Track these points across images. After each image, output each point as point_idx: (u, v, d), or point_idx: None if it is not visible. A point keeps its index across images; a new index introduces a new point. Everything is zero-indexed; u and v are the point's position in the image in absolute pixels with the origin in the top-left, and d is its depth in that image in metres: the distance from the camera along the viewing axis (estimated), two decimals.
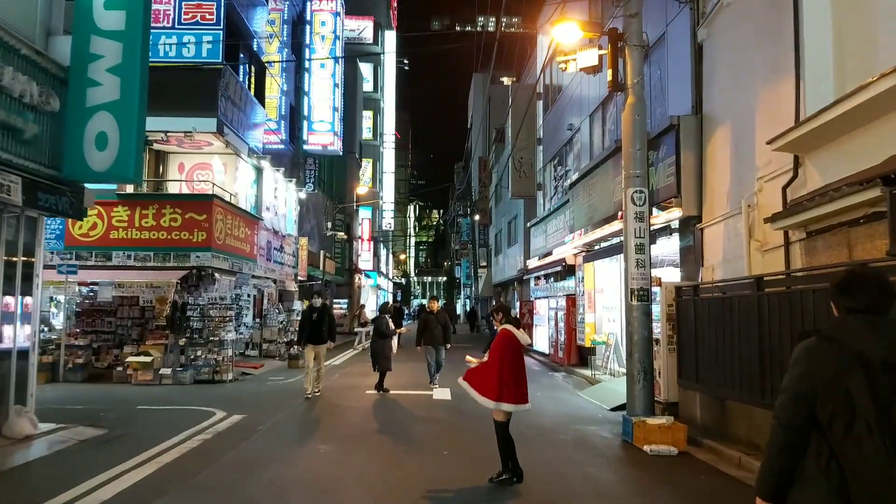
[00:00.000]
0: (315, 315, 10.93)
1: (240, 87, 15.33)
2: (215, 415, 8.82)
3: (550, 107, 20.33)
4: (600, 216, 12.20)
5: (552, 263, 17.95)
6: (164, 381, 12.42)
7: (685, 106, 9.96)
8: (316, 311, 11.03)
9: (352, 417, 9.03)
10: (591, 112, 15.44)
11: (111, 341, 13.77)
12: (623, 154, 8.39)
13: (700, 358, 8.01)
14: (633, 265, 8.04)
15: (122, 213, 13.58)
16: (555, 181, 19.62)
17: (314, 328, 10.86)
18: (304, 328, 11.05)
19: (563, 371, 15.62)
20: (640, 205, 8.10)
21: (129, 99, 7.62)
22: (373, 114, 43.68)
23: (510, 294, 32.99)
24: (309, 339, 10.92)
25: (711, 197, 9.21)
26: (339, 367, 16.61)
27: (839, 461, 2.02)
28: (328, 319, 11.06)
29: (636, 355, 7.94)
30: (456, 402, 10.36)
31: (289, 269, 20.46)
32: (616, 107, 13.72)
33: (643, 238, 8.08)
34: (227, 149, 15.15)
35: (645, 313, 8.01)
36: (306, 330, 10.94)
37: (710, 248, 9.16)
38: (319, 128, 21.48)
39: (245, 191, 16.57)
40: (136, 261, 13.49)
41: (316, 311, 11.01)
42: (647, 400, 7.92)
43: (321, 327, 10.87)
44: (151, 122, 14.14)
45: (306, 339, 10.96)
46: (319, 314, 10.95)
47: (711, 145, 9.29)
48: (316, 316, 10.91)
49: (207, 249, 13.52)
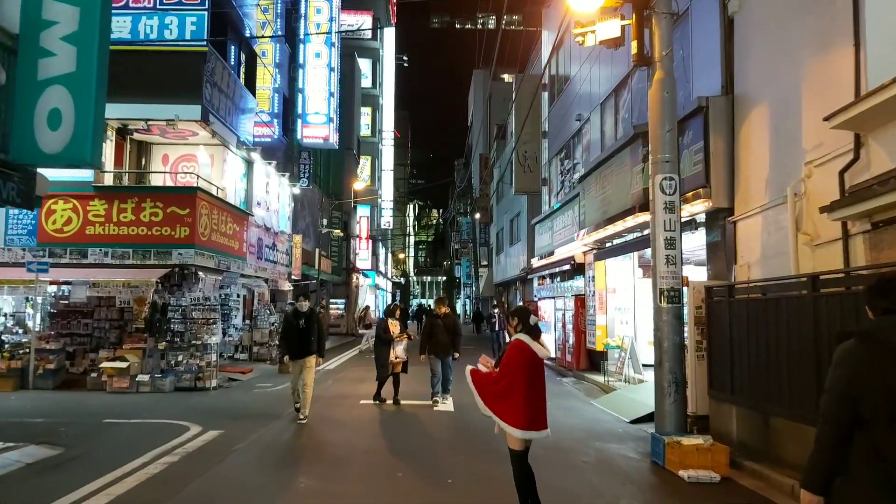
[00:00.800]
0: (301, 322, 8.81)
1: (227, 74, 14.35)
2: (189, 430, 7.84)
3: (556, 98, 19.35)
4: (615, 210, 11.23)
5: (559, 262, 16.99)
6: (141, 388, 11.45)
7: (713, 86, 8.99)
8: (302, 316, 8.85)
9: (341, 434, 8.04)
10: (602, 100, 14.47)
11: (88, 344, 12.81)
12: (650, 136, 7.42)
13: (736, 367, 7.06)
14: (662, 262, 7.08)
15: (98, 207, 12.62)
16: (561, 176, 18.64)
17: (300, 338, 8.78)
18: (287, 338, 8.95)
19: (572, 376, 14.65)
20: (670, 193, 7.13)
21: (87, 71, 6.63)
22: (371, 110, 42.71)
23: (512, 294, 32.03)
24: (292, 353, 8.82)
25: (745, 186, 8.24)
26: (334, 371, 15.63)
27: (882, 454, 2.19)
28: (317, 327, 8.92)
29: (666, 364, 6.97)
30: (459, 414, 9.38)
31: (282, 267, 19.48)
32: (631, 92, 12.76)
33: (674, 231, 7.11)
34: (214, 139, 14.16)
35: (676, 317, 7.04)
36: (290, 340, 8.88)
37: (744, 244, 8.18)
38: (314, 120, 20.51)
39: (234, 185, 15.59)
40: (114, 258, 12.54)
41: (302, 317, 8.84)
42: (680, 416, 6.95)
43: (308, 337, 8.76)
44: (131, 109, 13.34)
45: (291, 353, 8.88)
46: (306, 321, 8.82)
47: (745, 129, 8.32)
48: (302, 323, 8.80)
49: (191, 246, 12.56)
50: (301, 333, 8.78)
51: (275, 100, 19.69)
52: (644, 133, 9.84)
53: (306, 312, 8.92)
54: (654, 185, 7.21)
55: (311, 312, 9.01)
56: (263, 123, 19.38)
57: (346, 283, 32.50)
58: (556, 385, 13.64)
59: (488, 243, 40.90)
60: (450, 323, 10.52)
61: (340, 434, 7.90)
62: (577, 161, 16.84)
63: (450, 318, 10.65)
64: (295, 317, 8.96)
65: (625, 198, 10.70)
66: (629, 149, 10.47)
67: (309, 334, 8.78)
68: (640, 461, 6.81)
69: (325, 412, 9.43)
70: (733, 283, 7.56)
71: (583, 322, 15.05)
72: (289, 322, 9.05)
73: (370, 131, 42.57)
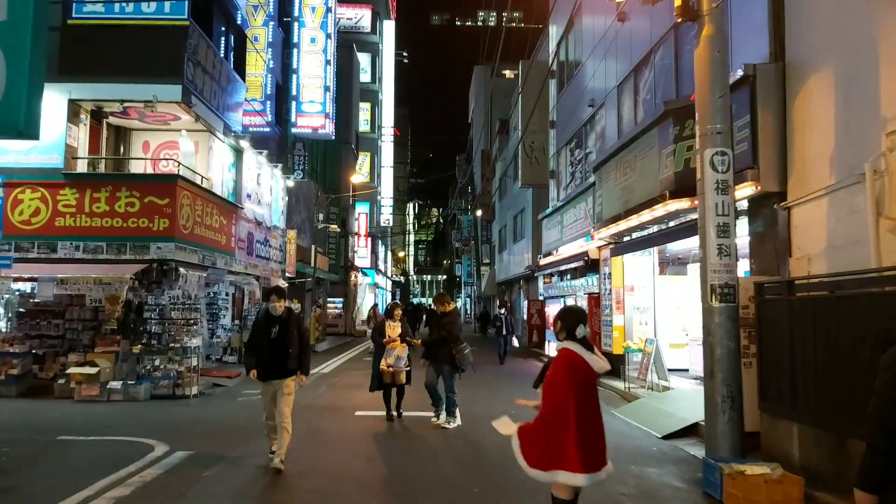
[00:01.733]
0: (274, 329, 6.26)
1: (213, 54, 13.20)
2: (154, 450, 6.70)
3: (566, 85, 18.21)
4: (639, 199, 10.09)
5: (570, 258, 15.84)
6: (112, 396, 10.31)
7: (759, 53, 7.84)
8: (276, 321, 6.29)
9: (332, 457, 6.88)
10: (619, 82, 13.32)
11: (59, 347, 11.67)
12: (697, 104, 6.28)
13: (799, 376, 5.93)
14: (713, 254, 5.94)
15: (69, 197, 11.49)
16: (571, 167, 17.50)
17: (273, 352, 6.23)
18: (255, 349, 6.41)
19: None
20: (722, 171, 6.00)
21: (21, 19, 5.49)
22: (370, 106, 41.58)
23: (515, 293, 30.91)
24: (262, 371, 6.26)
25: (802, 166, 7.10)
26: (329, 376, 14.48)
27: None
28: (298, 336, 6.39)
29: (719, 375, 5.83)
30: (468, 430, 8.23)
31: (275, 264, 18.34)
32: (654, 71, 11.61)
33: (728, 216, 5.98)
34: (198, 124, 13.00)
35: (730, 318, 5.91)
36: (259, 356, 6.30)
37: (802, 233, 7.04)
38: (309, 108, 19.37)
39: (221, 175, 14.45)
40: (86, 252, 11.40)
41: (276, 323, 6.28)
42: (736, 436, 5.81)
43: (283, 350, 6.25)
44: (105, 89, 12.16)
45: (261, 372, 6.28)
46: (282, 328, 6.27)
47: (801, 100, 7.17)
48: (276, 331, 6.25)
49: (170, 239, 11.43)
50: (274, 345, 6.22)
51: (267, 87, 18.54)
52: (676, 109, 8.76)
53: (281, 316, 6.31)
54: (703, 162, 6.08)
55: (288, 316, 6.37)
56: (255, 112, 18.24)
57: (344, 281, 31.36)
58: None
59: (490, 241, 39.77)
60: (448, 321, 8.60)
61: (330, 457, 6.74)
62: (590, 150, 15.70)
63: (450, 318, 8.69)
64: (266, 322, 6.33)
65: (651, 184, 9.56)
66: (657, 129, 9.33)
67: (285, 346, 6.24)
68: (689, 493, 5.66)
69: (315, 425, 8.28)
70: (793, 279, 6.42)
71: (597, 323, 13.91)
72: (258, 330, 6.42)
73: (369, 127, 41.46)
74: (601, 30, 14.29)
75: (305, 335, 6.60)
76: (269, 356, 6.26)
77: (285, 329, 6.31)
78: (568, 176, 17.81)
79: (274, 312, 6.34)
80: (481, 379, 13.94)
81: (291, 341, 6.31)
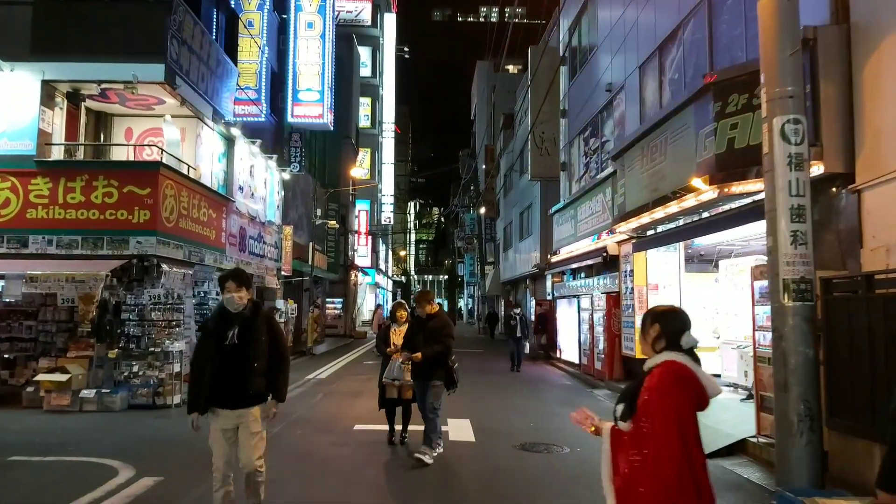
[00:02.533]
0: (231, 333, 4.21)
1: (201, 32, 12.18)
2: (117, 476, 5.67)
3: (579, 71, 17.17)
4: (671, 186, 9.06)
5: (586, 255, 14.82)
6: (85, 406, 9.30)
7: (818, 14, 6.83)
8: (233, 321, 4.25)
9: (324, 488, 5.86)
10: (641, 63, 12.30)
11: (32, 351, 10.68)
12: (763, 64, 5.26)
13: (880, 387, 4.94)
14: (786, 242, 4.92)
15: (41, 186, 10.50)
16: (585, 157, 16.47)
17: (227, 365, 4.19)
18: (201, 368, 4.27)
19: (605, 388, 12.50)
20: (796, 142, 4.97)
21: None
22: (371, 101, 40.54)
23: (521, 293, 29.90)
24: (212, 397, 4.22)
25: (874, 143, 6.08)
26: (327, 381, 13.46)
27: None
28: (271, 344, 4.34)
29: (795, 389, 4.80)
30: (482, 448, 7.20)
31: (270, 262, 17.33)
32: (682, 47, 10.59)
33: (803, 196, 4.95)
34: (184, 108, 11.97)
35: (807, 320, 4.88)
36: (207, 372, 4.21)
37: (877, 220, 6.02)
38: (306, 97, 18.36)
39: (210, 165, 13.43)
40: (60, 247, 10.43)
41: (233, 324, 4.24)
42: (815, 463, 4.78)
43: (246, 363, 4.20)
44: (81, 69, 11.07)
45: (208, 396, 4.22)
46: (243, 330, 4.23)
47: (873, 67, 6.16)
48: (234, 335, 4.20)
49: (152, 233, 10.44)
50: (230, 357, 4.16)
51: (262, 74, 17.53)
52: (717, 83, 7.75)
53: (243, 314, 4.24)
54: (772, 133, 5.05)
55: (252, 314, 4.29)
56: (250, 101, 17.24)
57: (343, 280, 30.34)
58: (589, 399, 11.49)
59: (495, 239, 38.76)
60: (435, 327, 6.64)
61: (323, 487, 5.69)
62: (607, 139, 14.68)
63: (438, 321, 6.72)
64: (220, 323, 4.25)
65: (687, 169, 8.52)
66: (693, 107, 8.30)
67: (247, 358, 4.17)
68: None
69: (306, 445, 7.25)
70: (871, 273, 5.40)
71: (616, 324, 12.90)
72: (207, 335, 4.33)
73: (370, 122, 40.43)
74: (619, 9, 13.27)
75: (282, 343, 4.43)
76: (222, 373, 4.11)
77: (248, 333, 4.17)
78: (581, 167, 16.78)
79: (231, 307, 4.19)
80: (494, 387, 12.92)
81: (257, 352, 4.18)
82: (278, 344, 4.39)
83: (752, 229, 8.60)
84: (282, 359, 4.41)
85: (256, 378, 4.22)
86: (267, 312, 4.51)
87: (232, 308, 4.24)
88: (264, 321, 4.35)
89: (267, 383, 4.29)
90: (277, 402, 4.36)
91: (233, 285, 4.22)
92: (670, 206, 9.21)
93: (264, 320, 4.36)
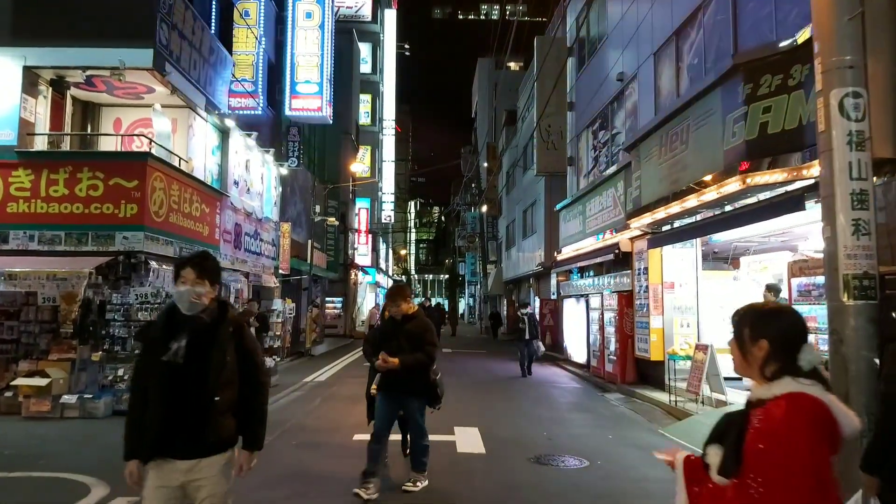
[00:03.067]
0: (177, 345, 2.81)
1: (193, 17, 11.57)
2: (87, 495, 5.07)
3: (587, 62, 16.57)
4: (693, 177, 8.46)
5: (595, 252, 14.21)
6: (67, 412, 8.69)
7: None
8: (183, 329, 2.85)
9: None
10: (656, 49, 11.70)
11: (12, 353, 10.08)
12: (817, 32, 4.66)
13: None
14: (846, 233, 4.32)
15: (23, 179, 9.91)
16: (594, 151, 15.86)
17: (175, 396, 2.79)
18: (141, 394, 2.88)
19: (618, 391, 11.89)
20: (857, 118, 4.38)
21: None
22: (371, 97, 39.90)
23: (524, 292, 29.32)
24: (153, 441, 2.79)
25: None
26: (325, 385, 12.85)
27: None
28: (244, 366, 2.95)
29: (857, 399, 4.20)
30: (495, 461, 6.60)
31: (267, 260, 16.73)
32: (703, 30, 9.99)
33: (864, 180, 4.36)
34: (175, 97, 11.38)
35: (871, 321, 4.28)
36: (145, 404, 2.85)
37: None
38: (305, 90, 17.75)
39: (204, 158, 12.83)
40: (42, 243, 9.84)
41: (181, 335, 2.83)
42: None
43: (200, 396, 2.80)
44: (65, 54, 10.39)
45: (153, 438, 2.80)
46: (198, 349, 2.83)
47: None
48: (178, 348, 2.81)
49: (139, 228, 9.85)
50: (178, 383, 2.80)
51: (259, 66, 16.90)
52: (748, 63, 7.18)
53: (200, 321, 2.89)
54: (829, 108, 4.46)
55: (215, 320, 2.92)
56: (246, 93, 16.62)
57: (343, 279, 29.72)
58: (602, 403, 10.89)
59: (497, 238, 38.18)
60: (415, 331, 5.32)
61: None
62: (618, 130, 14.07)
63: (418, 323, 5.40)
64: (165, 333, 2.87)
65: (712, 158, 7.93)
66: (720, 90, 7.70)
67: (201, 387, 2.82)
68: None
69: (300, 460, 6.66)
70: None
71: (629, 324, 12.30)
72: (148, 347, 2.99)
73: (370, 119, 39.81)
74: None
75: (256, 362, 3.02)
76: (165, 406, 2.78)
77: (204, 347, 2.83)
78: (590, 161, 16.18)
79: (184, 306, 2.87)
80: (500, 390, 12.32)
81: (219, 377, 2.83)
82: (251, 364, 2.96)
83: (782, 222, 8.01)
84: (257, 387, 2.97)
85: (217, 417, 2.80)
86: (238, 318, 3.07)
87: (185, 308, 2.84)
88: (232, 331, 2.92)
89: (237, 424, 2.91)
90: (251, 450, 2.97)
91: (191, 274, 2.84)
92: (693, 198, 8.61)
93: (232, 329, 2.92)
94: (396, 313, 5.39)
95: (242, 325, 3.06)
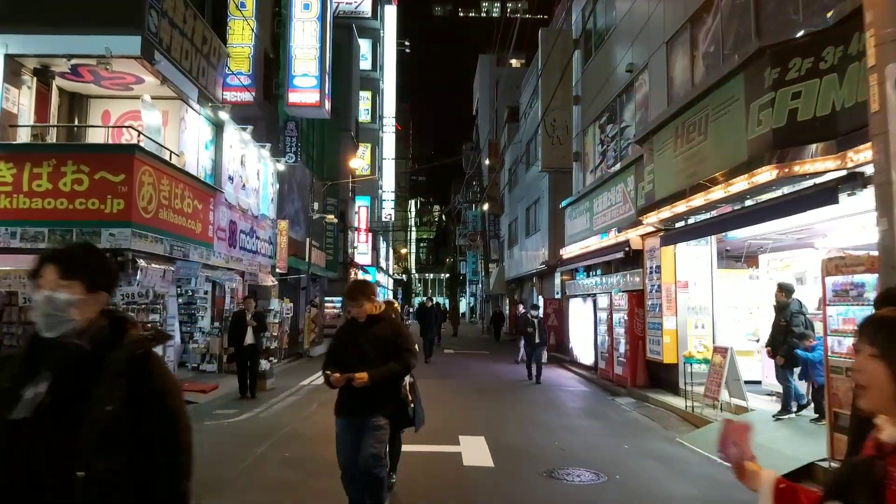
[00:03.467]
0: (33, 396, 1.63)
1: (185, 5, 11.06)
2: None
3: (594, 54, 16.06)
4: (713, 170, 7.96)
5: (604, 250, 13.70)
6: None
7: None
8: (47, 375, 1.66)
9: None
10: (669, 38, 11.19)
11: None
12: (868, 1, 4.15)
13: None
14: None
15: (4, 173, 9.40)
16: (601, 145, 15.36)
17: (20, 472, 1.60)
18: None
19: (628, 395, 11.38)
20: None
21: None
22: (371, 95, 39.43)
23: (527, 291, 28.81)
24: None
25: None
26: (322, 388, 12.28)
27: None
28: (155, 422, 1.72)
29: None
30: (503, 475, 6.09)
31: (263, 258, 16.24)
32: (721, 16, 9.47)
33: None
34: (165, 88, 10.89)
35: None
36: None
37: None
38: (302, 83, 17.24)
39: (197, 152, 12.36)
40: (25, 240, 9.32)
41: (40, 381, 1.65)
42: None
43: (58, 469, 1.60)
44: (49, 42, 9.83)
45: None
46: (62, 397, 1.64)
47: None
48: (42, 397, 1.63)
49: (126, 224, 9.33)
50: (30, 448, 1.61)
51: (255, 59, 16.39)
52: (775, 45, 6.68)
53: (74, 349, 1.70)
54: (883, 86, 3.97)
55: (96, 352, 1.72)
56: (242, 87, 16.11)
57: (343, 279, 29.21)
58: (613, 409, 10.39)
59: (499, 236, 37.68)
60: (383, 335, 4.33)
61: None
62: (627, 124, 13.57)
63: (388, 326, 4.43)
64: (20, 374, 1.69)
65: (735, 148, 7.43)
66: (744, 76, 7.20)
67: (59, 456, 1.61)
68: None
69: (293, 472, 6.16)
70: None
71: (640, 325, 11.80)
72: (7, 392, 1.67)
73: (370, 117, 39.35)
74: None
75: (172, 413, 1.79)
76: (11, 481, 1.62)
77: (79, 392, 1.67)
78: (597, 156, 15.67)
79: (41, 327, 1.72)
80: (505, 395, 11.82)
81: (89, 438, 1.63)
82: (160, 416, 1.76)
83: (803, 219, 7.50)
84: (167, 456, 1.76)
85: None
86: (143, 341, 1.81)
87: (41, 326, 1.72)
88: (127, 362, 1.73)
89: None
90: None
91: (52, 274, 1.73)
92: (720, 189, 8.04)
93: (128, 360, 1.73)
94: (359, 314, 4.32)
95: (149, 354, 1.80)
